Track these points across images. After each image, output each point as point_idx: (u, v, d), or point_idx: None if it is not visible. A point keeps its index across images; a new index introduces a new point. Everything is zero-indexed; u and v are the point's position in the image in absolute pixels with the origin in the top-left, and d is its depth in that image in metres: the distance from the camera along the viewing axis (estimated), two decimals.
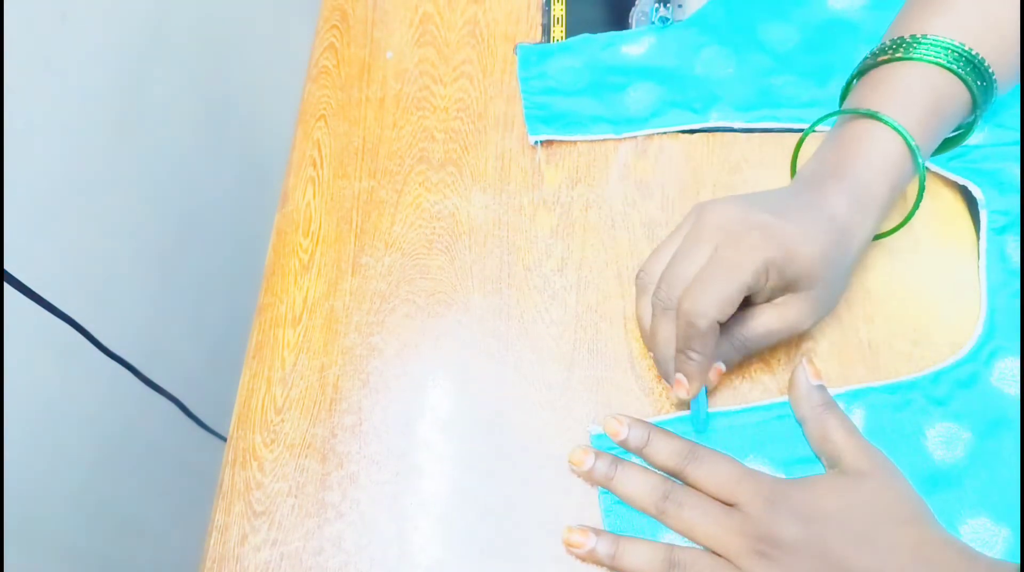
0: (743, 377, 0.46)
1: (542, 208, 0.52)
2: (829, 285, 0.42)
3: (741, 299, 0.40)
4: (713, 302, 0.39)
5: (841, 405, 0.44)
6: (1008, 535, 0.40)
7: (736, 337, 0.43)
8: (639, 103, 0.55)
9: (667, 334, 0.42)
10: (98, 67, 0.60)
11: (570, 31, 0.59)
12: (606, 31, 0.58)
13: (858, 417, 0.44)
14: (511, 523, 0.43)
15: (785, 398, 0.45)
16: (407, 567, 0.43)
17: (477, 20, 0.60)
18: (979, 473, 0.42)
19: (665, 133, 0.54)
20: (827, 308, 0.44)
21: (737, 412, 0.45)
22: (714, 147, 0.53)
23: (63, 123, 0.57)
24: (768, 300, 0.43)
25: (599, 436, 0.45)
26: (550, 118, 0.55)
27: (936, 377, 0.44)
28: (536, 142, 0.54)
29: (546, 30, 0.59)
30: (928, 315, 0.47)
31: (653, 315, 0.43)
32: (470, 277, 0.50)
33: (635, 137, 0.54)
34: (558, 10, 0.60)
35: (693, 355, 0.41)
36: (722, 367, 0.43)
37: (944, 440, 0.43)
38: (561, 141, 0.55)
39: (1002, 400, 0.43)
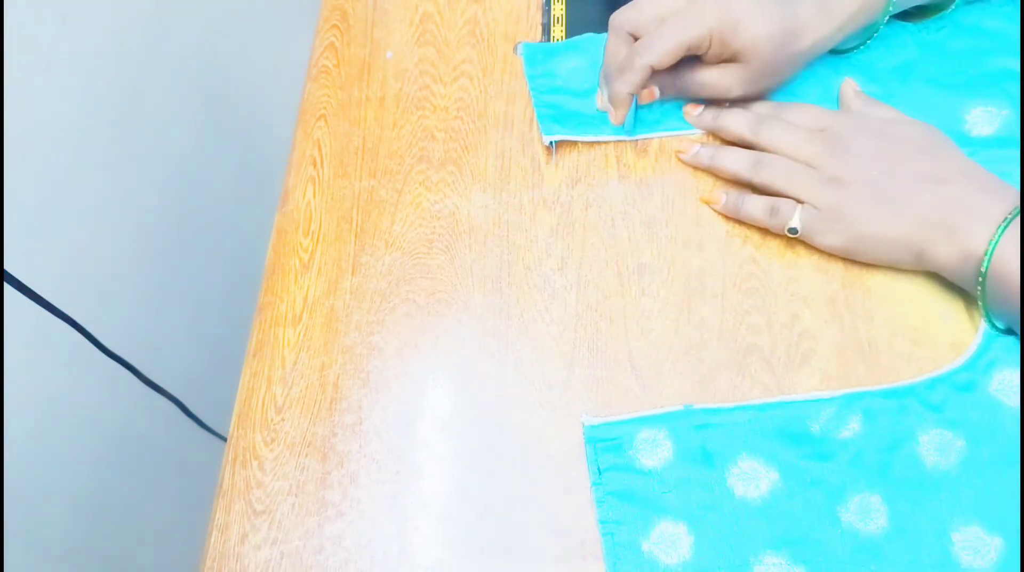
0: (743, 375, 0.46)
1: (542, 207, 0.52)
2: (769, 66, 0.49)
3: (680, 55, 0.48)
4: (655, 51, 0.48)
5: (836, 409, 0.44)
6: (1001, 544, 0.40)
7: (678, 78, 0.52)
8: (649, 104, 0.54)
9: (615, 51, 0.52)
10: (98, 67, 0.60)
11: (570, 30, 0.59)
12: (607, 31, 0.58)
13: (855, 422, 0.44)
14: (511, 523, 0.43)
15: (778, 398, 0.45)
16: (407, 566, 0.43)
17: (477, 20, 0.60)
18: (973, 482, 0.42)
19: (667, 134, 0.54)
20: (763, 87, 0.51)
21: (729, 409, 0.45)
22: None
23: (63, 123, 0.57)
24: (717, 62, 0.50)
25: (592, 427, 0.45)
26: (562, 117, 0.54)
27: (932, 383, 0.44)
28: (551, 143, 0.54)
29: (546, 30, 0.60)
30: (928, 315, 0.47)
31: (613, 38, 0.52)
32: (470, 276, 0.51)
33: (636, 140, 0.54)
34: (558, 9, 0.60)
35: (621, 84, 0.49)
36: (656, 92, 0.51)
37: (937, 447, 0.43)
38: (568, 140, 0.54)
39: (1000, 410, 0.43)
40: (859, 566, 0.41)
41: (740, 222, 0.50)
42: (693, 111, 0.53)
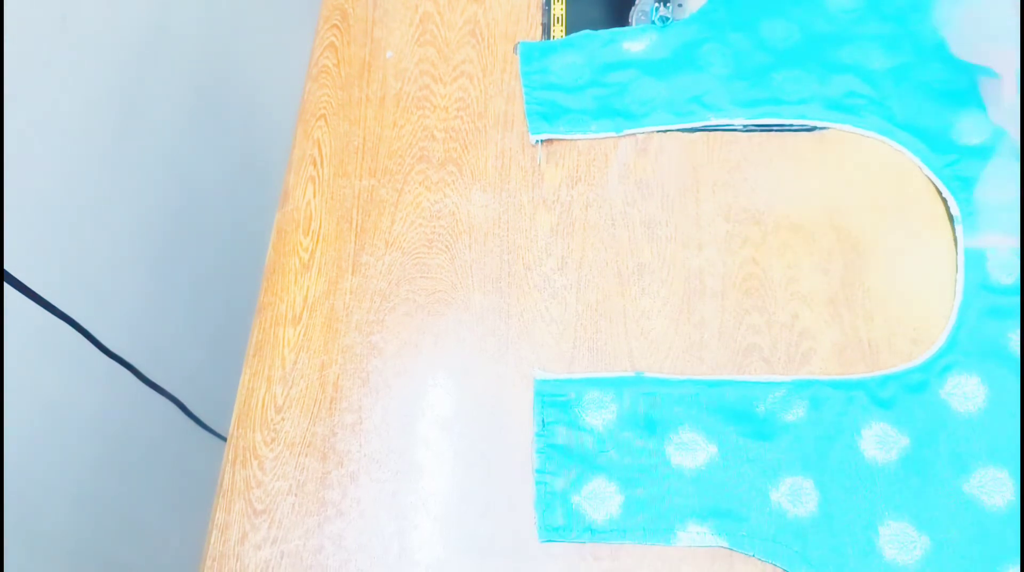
0: (744, 375, 0.46)
1: (542, 207, 0.52)
2: None
3: None
4: None
5: (785, 393, 0.45)
6: (928, 543, 0.41)
7: None
8: (640, 100, 0.55)
9: None
10: (98, 67, 0.60)
11: (570, 30, 0.59)
12: (606, 29, 0.58)
13: (801, 407, 0.44)
14: (511, 521, 0.43)
15: (723, 377, 0.46)
16: (407, 565, 0.43)
17: (477, 19, 0.60)
18: (910, 480, 0.42)
19: (665, 132, 0.54)
20: None
21: (679, 382, 0.46)
22: (714, 146, 0.54)
23: (63, 124, 0.57)
24: None
25: (543, 381, 0.46)
26: (551, 115, 0.55)
27: (884, 380, 0.45)
28: (537, 141, 0.54)
29: (546, 29, 0.60)
30: (928, 315, 0.47)
31: None
32: (470, 276, 0.51)
33: (635, 135, 0.54)
34: (558, 9, 0.60)
35: None
36: None
37: (879, 441, 0.43)
38: (562, 140, 0.54)
39: (946, 414, 0.44)
40: (782, 545, 0.42)
41: (740, 222, 0.50)
42: None
